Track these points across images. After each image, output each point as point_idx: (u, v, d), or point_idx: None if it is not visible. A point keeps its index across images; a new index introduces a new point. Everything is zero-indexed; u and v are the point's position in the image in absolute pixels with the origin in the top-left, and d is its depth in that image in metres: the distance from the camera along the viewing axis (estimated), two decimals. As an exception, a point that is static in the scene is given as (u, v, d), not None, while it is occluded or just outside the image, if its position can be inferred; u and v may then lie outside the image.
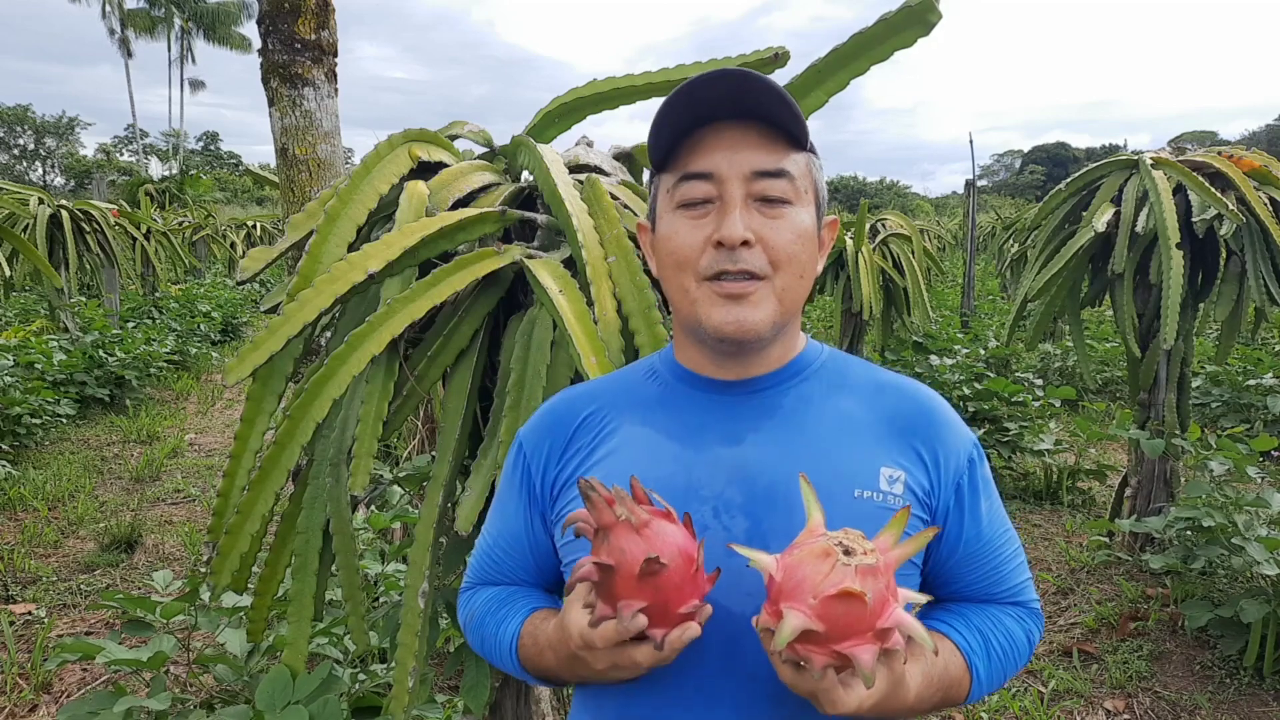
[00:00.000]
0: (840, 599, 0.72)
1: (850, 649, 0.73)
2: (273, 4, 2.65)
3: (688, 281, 0.91)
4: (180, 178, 23.80)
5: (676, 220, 0.92)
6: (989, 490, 1.00)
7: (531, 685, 1.88)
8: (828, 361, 1.01)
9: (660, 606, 0.80)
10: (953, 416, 1.00)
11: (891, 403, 0.98)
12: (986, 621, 0.98)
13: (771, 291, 0.90)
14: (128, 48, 40.32)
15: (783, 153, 0.90)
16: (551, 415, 1.05)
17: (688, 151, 0.91)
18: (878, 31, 1.15)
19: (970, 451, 0.98)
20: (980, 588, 1.00)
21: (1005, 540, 1.00)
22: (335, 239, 1.54)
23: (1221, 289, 3.94)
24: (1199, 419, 6.85)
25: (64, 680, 3.13)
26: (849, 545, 0.75)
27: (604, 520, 0.81)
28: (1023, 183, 63.27)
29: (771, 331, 0.93)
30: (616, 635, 0.80)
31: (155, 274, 11.30)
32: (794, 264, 0.91)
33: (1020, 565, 1.01)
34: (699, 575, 0.82)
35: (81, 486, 5.37)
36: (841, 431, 0.95)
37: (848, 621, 0.73)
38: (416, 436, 3.74)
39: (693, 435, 0.96)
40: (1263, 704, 3.05)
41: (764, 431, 0.94)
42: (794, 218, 0.91)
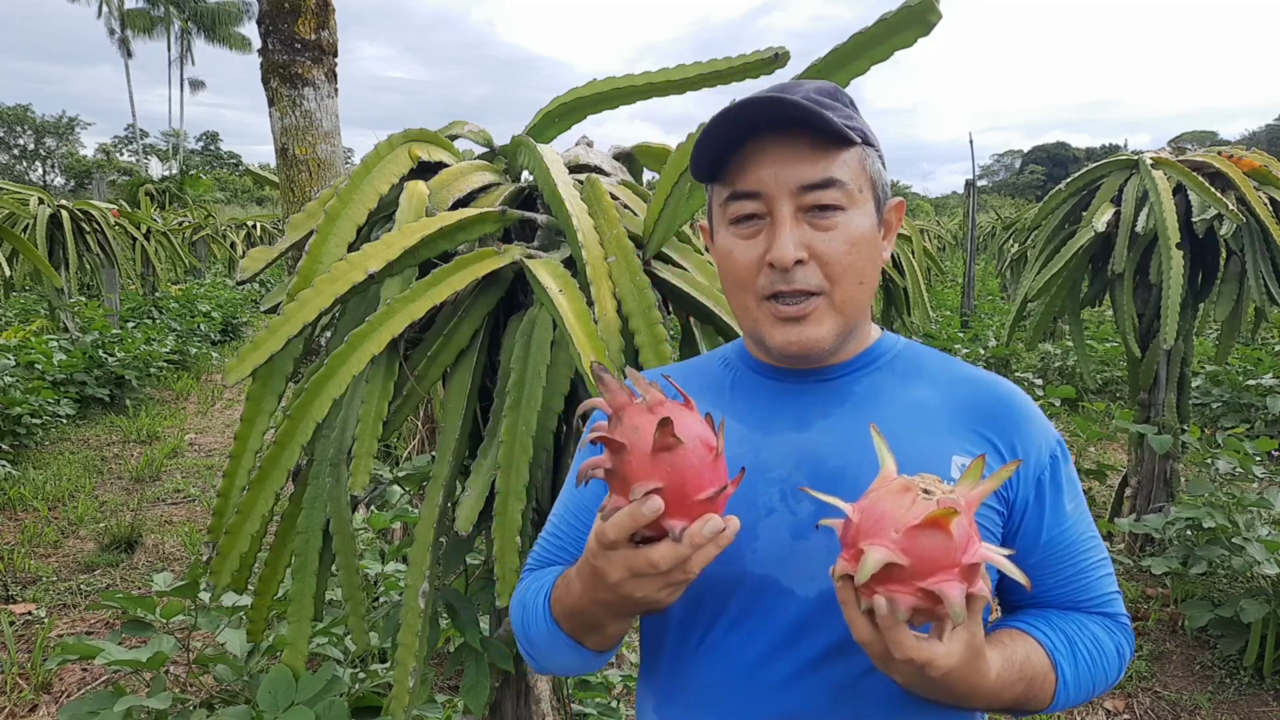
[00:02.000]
0: (925, 529, 0.68)
1: (938, 584, 0.68)
2: (273, 4, 2.65)
3: (748, 300, 0.92)
4: (180, 178, 23.80)
5: (731, 238, 0.92)
6: (1074, 491, 0.96)
7: (530, 687, 1.88)
8: (903, 352, 1.00)
9: (677, 490, 0.72)
10: (1035, 411, 0.96)
11: (968, 393, 0.95)
12: (1071, 625, 0.93)
13: (831, 306, 0.90)
14: (127, 48, 40.32)
15: (830, 158, 0.88)
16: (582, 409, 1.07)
17: (735, 167, 0.90)
18: (877, 31, 1.15)
19: (1054, 448, 0.95)
20: (1064, 593, 0.95)
21: (1091, 547, 0.95)
22: (335, 239, 1.54)
23: (1221, 289, 3.94)
24: (1199, 419, 6.85)
25: (64, 680, 3.13)
26: (927, 486, 0.72)
27: (617, 401, 0.75)
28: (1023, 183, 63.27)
29: (836, 342, 0.92)
30: (630, 522, 0.73)
31: (155, 274, 11.30)
32: (851, 273, 0.89)
33: (1108, 576, 0.96)
34: (719, 464, 0.75)
35: (81, 486, 5.37)
36: (913, 419, 0.93)
37: (933, 555, 0.68)
38: (416, 436, 3.74)
39: (762, 419, 0.96)
40: (1263, 704, 3.05)
41: (833, 418, 0.94)
42: (848, 225, 0.89)
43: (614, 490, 0.76)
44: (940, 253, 18.69)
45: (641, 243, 1.55)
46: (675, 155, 1.36)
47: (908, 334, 7.79)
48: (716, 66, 1.42)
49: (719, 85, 1.46)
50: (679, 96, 1.54)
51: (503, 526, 1.43)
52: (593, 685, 2.55)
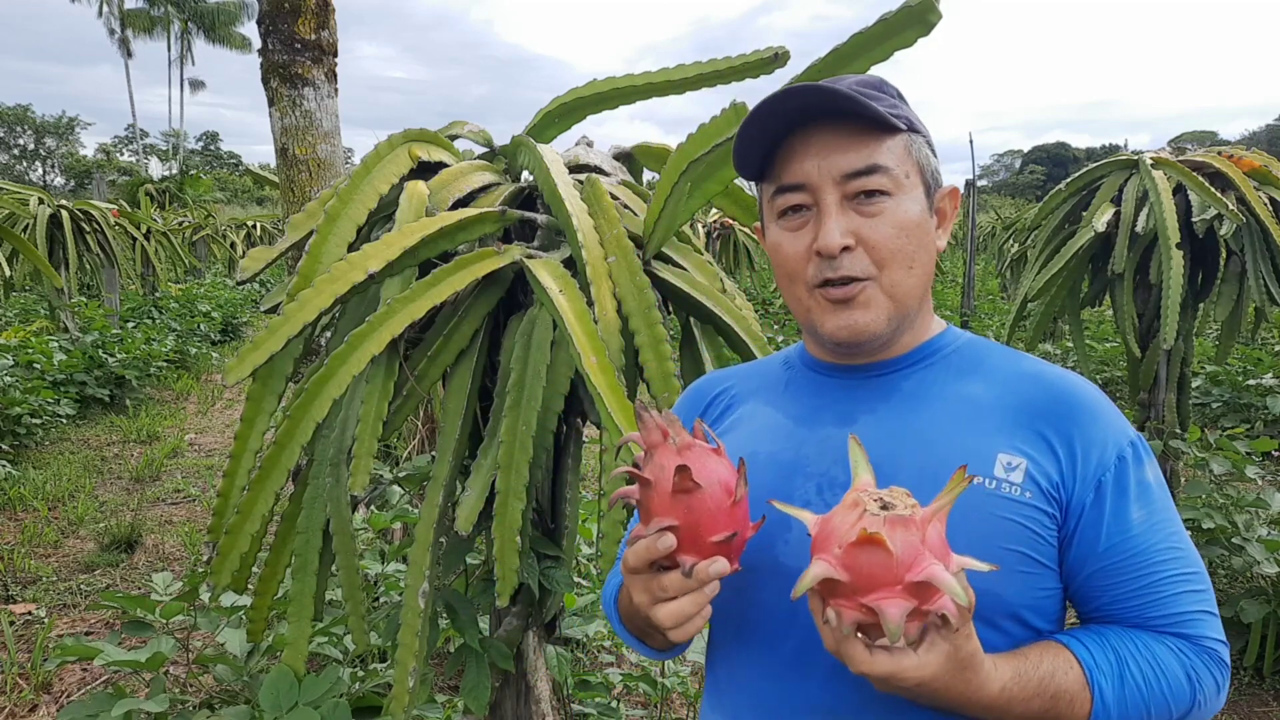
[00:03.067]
0: (862, 546, 0.69)
1: (876, 600, 0.69)
2: (273, 4, 2.65)
3: (799, 291, 0.93)
4: (180, 178, 23.80)
5: (780, 232, 0.93)
6: (1146, 496, 0.87)
7: (531, 687, 1.88)
8: (963, 347, 0.98)
9: (691, 529, 0.78)
10: (1105, 408, 0.91)
11: (1028, 389, 0.91)
12: (1129, 644, 0.85)
13: (880, 290, 0.90)
14: (127, 48, 40.33)
15: (874, 145, 0.88)
16: (693, 392, 1.13)
17: (780, 160, 0.91)
18: (877, 31, 1.15)
19: (1123, 448, 0.88)
20: (1129, 608, 0.87)
21: (1169, 558, 0.86)
22: (335, 239, 1.54)
23: (1221, 289, 3.94)
24: (1199, 419, 6.85)
25: (64, 680, 3.13)
26: (889, 500, 0.72)
27: (651, 440, 0.81)
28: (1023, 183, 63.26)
29: (889, 328, 0.91)
30: (646, 553, 0.79)
31: (155, 274, 11.30)
32: (899, 258, 0.89)
33: (1191, 594, 0.86)
34: (737, 511, 0.80)
35: (81, 486, 5.37)
36: (960, 416, 0.91)
37: (872, 571, 0.69)
38: (416, 436, 3.74)
39: (809, 415, 0.97)
40: (1263, 704, 3.05)
41: (878, 414, 0.94)
42: (895, 210, 0.88)
43: (642, 519, 0.82)
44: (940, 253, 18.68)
45: (641, 243, 1.55)
46: (675, 155, 1.36)
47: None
48: (716, 66, 1.42)
49: (719, 85, 1.46)
50: (679, 96, 1.54)
51: (503, 526, 1.43)
52: (593, 685, 2.55)
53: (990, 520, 0.85)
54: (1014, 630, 0.87)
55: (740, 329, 1.60)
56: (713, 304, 1.58)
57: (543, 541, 1.70)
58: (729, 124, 1.24)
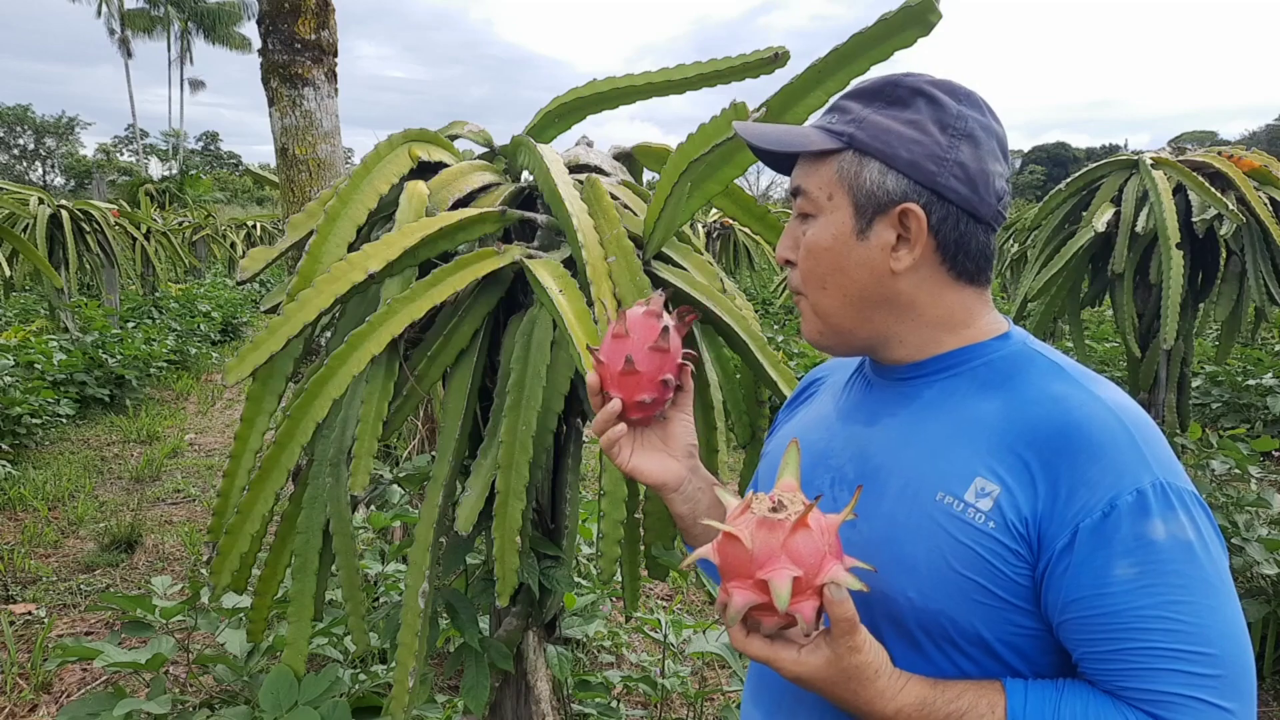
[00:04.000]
0: (726, 540, 0.79)
1: (729, 587, 0.79)
2: (273, 4, 2.65)
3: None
4: (180, 178, 23.80)
5: None
6: (1144, 552, 0.77)
7: (531, 687, 1.88)
8: (997, 360, 0.91)
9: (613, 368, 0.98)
10: (1120, 447, 0.80)
11: (1037, 414, 0.84)
12: (1079, 704, 0.79)
13: (809, 305, 0.97)
14: (127, 48, 40.34)
15: (806, 166, 0.94)
16: (805, 377, 1.23)
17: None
18: (877, 31, 1.15)
19: (1121, 495, 0.77)
20: (1101, 670, 0.79)
21: (1162, 629, 0.76)
22: (335, 239, 1.54)
23: (1221, 289, 3.95)
24: (1199, 419, 6.85)
25: (64, 680, 3.13)
26: (783, 502, 0.80)
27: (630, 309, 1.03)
28: (1023, 183, 63.24)
29: (824, 340, 0.98)
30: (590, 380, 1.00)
31: (155, 274, 11.31)
32: (811, 278, 0.95)
33: (1186, 675, 0.75)
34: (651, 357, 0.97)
35: (81, 486, 5.37)
36: (961, 432, 0.88)
37: (733, 563, 0.79)
38: (416, 436, 3.74)
39: (849, 411, 1.02)
40: (1263, 704, 3.05)
41: (898, 418, 0.95)
42: (811, 232, 0.94)
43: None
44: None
45: (641, 243, 1.55)
46: (675, 155, 1.36)
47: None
48: (716, 66, 1.42)
49: (719, 85, 1.46)
50: (679, 96, 1.54)
51: (503, 526, 1.43)
52: (593, 685, 2.55)
53: (948, 541, 0.84)
54: (983, 660, 0.85)
55: (740, 329, 1.60)
56: (713, 304, 1.58)
57: (543, 541, 1.70)
58: (729, 124, 1.24)
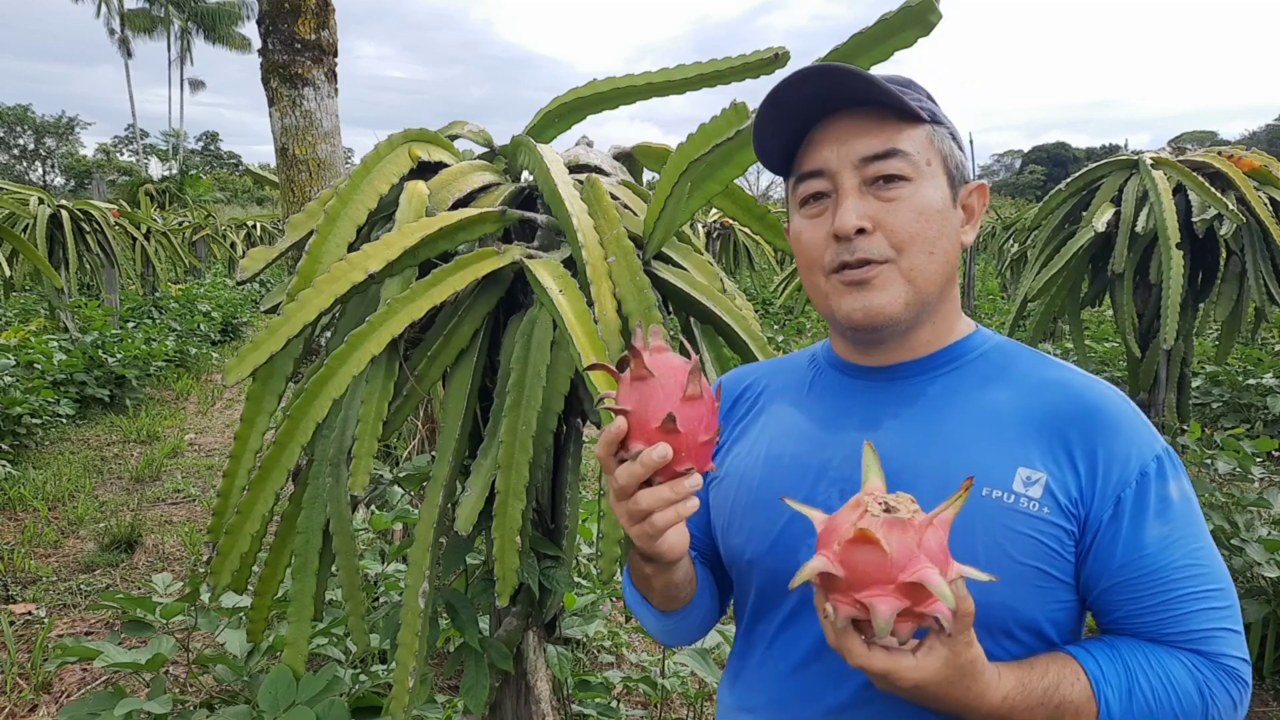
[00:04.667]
0: (857, 544, 0.71)
1: (869, 597, 0.71)
2: (273, 4, 2.65)
3: (817, 278, 0.93)
4: (180, 178, 23.80)
5: (801, 220, 0.93)
6: (1168, 512, 0.85)
7: (531, 687, 1.88)
8: (989, 352, 0.95)
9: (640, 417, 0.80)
10: (1131, 420, 0.87)
11: (1052, 399, 0.89)
12: (1140, 658, 0.84)
13: (898, 273, 0.88)
14: (127, 48, 40.32)
15: (893, 131, 0.88)
16: (726, 389, 1.11)
17: (801, 152, 0.92)
18: (877, 31, 1.15)
19: (1147, 464, 0.85)
20: (1146, 623, 0.85)
21: (1189, 575, 0.84)
22: (335, 239, 1.54)
23: (1221, 289, 3.95)
24: (1199, 419, 6.85)
25: (64, 680, 3.13)
26: (892, 504, 0.74)
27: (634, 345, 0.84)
28: (1023, 183, 63.24)
29: (906, 313, 0.90)
30: (604, 439, 0.81)
31: (155, 274, 11.31)
32: (919, 241, 0.88)
33: (1212, 611, 0.84)
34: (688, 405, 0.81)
35: (81, 486, 5.37)
36: (982, 425, 0.89)
37: (866, 569, 0.71)
38: (416, 436, 3.74)
39: (833, 418, 0.96)
40: (1263, 704, 3.05)
41: (902, 419, 0.92)
42: (914, 195, 0.88)
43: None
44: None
45: (641, 243, 1.55)
46: (675, 155, 1.36)
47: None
48: (716, 66, 1.42)
49: (719, 85, 1.46)
50: (679, 96, 1.54)
51: (503, 526, 1.43)
52: (593, 685, 2.55)
53: (1005, 533, 0.84)
54: (1030, 642, 0.88)
55: (740, 329, 1.60)
56: (713, 304, 1.58)
57: (543, 541, 1.70)
58: (729, 124, 1.24)
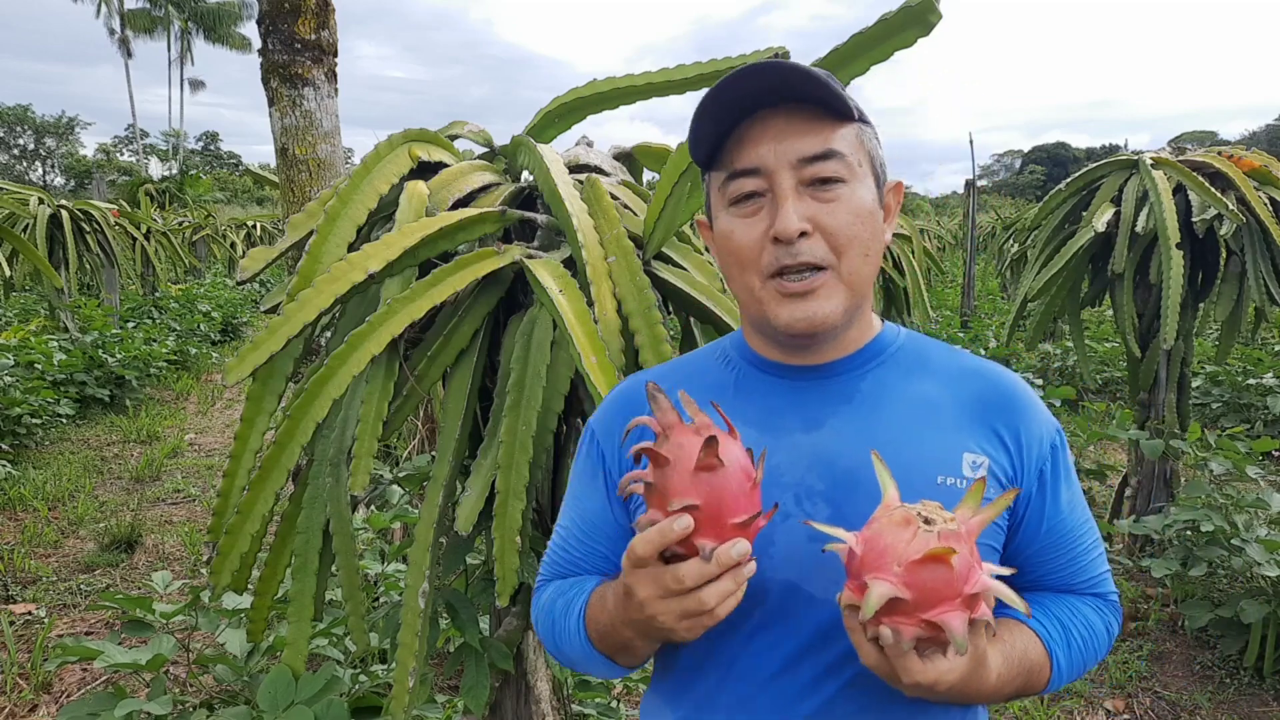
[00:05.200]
0: (926, 564, 0.69)
1: (940, 616, 0.70)
2: (273, 4, 2.65)
3: (751, 280, 0.90)
4: (180, 178, 23.81)
5: (731, 219, 0.90)
6: (1070, 477, 0.97)
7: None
8: (905, 344, 0.99)
9: (712, 510, 0.74)
10: (1036, 402, 0.97)
11: (975, 386, 0.95)
12: (1065, 611, 0.95)
13: (839, 279, 0.88)
14: (127, 48, 40.31)
15: (829, 131, 0.87)
16: (623, 399, 1.04)
17: (733, 146, 0.89)
18: (877, 31, 1.15)
19: (1054, 438, 0.95)
20: (1060, 578, 0.97)
21: (1086, 530, 0.97)
22: (335, 239, 1.54)
23: (1221, 289, 3.94)
24: (1199, 419, 6.85)
25: (64, 680, 3.13)
26: (928, 515, 0.73)
27: (667, 421, 0.78)
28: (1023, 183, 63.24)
29: (845, 319, 0.91)
30: (660, 537, 0.75)
31: (155, 274, 11.30)
32: (856, 244, 0.88)
33: (1100, 557, 0.99)
34: (755, 494, 0.77)
35: (81, 486, 5.37)
36: (922, 416, 0.92)
37: (935, 587, 0.70)
38: (416, 436, 3.74)
39: (771, 421, 0.94)
40: (1263, 704, 3.05)
41: (842, 416, 0.93)
42: (850, 196, 0.87)
43: (651, 505, 0.78)
44: (940, 253, 18.69)
45: (641, 243, 1.55)
46: (675, 155, 1.36)
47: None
48: (716, 66, 1.42)
49: (719, 85, 1.46)
50: (679, 96, 1.54)
51: (503, 526, 1.43)
52: (593, 685, 2.55)
53: None
54: None
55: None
56: (713, 304, 1.58)
57: (543, 541, 1.70)
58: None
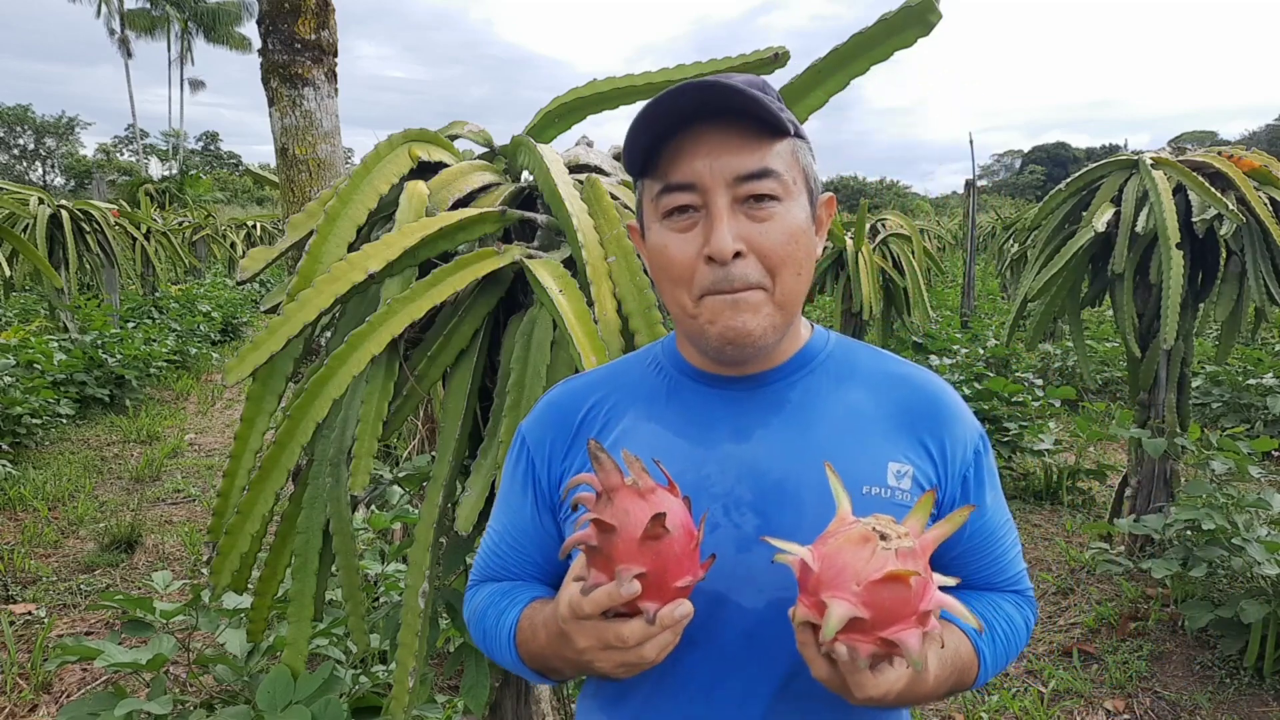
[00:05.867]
0: (885, 584, 0.70)
1: (897, 634, 0.71)
2: (273, 4, 2.65)
3: (683, 297, 0.89)
4: (180, 178, 23.81)
5: (665, 233, 0.89)
6: (993, 481, 1.00)
7: (532, 683, 1.88)
8: (835, 350, 0.99)
9: (658, 576, 0.76)
10: (961, 407, 0.99)
11: (901, 395, 0.96)
12: (989, 609, 0.99)
13: (769, 298, 0.88)
14: (127, 48, 40.29)
15: (765, 147, 0.86)
16: (554, 408, 1.03)
17: (668, 158, 0.87)
18: (877, 31, 1.15)
19: (976, 443, 0.97)
20: (982, 577, 1.00)
21: (1006, 530, 1.00)
22: (335, 239, 1.54)
23: (1221, 289, 3.94)
24: (1199, 419, 6.85)
25: (64, 680, 3.13)
26: (883, 530, 0.74)
27: (610, 482, 0.78)
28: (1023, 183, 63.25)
29: (774, 336, 0.90)
30: (608, 600, 0.77)
31: (155, 274, 11.30)
32: (790, 264, 0.87)
33: (1018, 555, 1.02)
34: (696, 554, 0.79)
35: (81, 486, 5.37)
36: (849, 426, 0.93)
37: (893, 606, 0.71)
38: (416, 436, 3.74)
39: (702, 431, 0.94)
40: (1263, 704, 3.05)
41: (772, 427, 0.93)
42: (785, 215, 0.87)
43: (594, 566, 0.79)
44: (940, 253, 18.69)
45: (641, 243, 1.55)
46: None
47: (907, 334, 7.80)
48: (716, 66, 1.42)
49: (719, 85, 1.46)
50: (679, 96, 1.54)
51: (503, 526, 1.43)
52: (593, 685, 2.55)
53: None
54: None
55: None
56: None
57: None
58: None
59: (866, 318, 6.34)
